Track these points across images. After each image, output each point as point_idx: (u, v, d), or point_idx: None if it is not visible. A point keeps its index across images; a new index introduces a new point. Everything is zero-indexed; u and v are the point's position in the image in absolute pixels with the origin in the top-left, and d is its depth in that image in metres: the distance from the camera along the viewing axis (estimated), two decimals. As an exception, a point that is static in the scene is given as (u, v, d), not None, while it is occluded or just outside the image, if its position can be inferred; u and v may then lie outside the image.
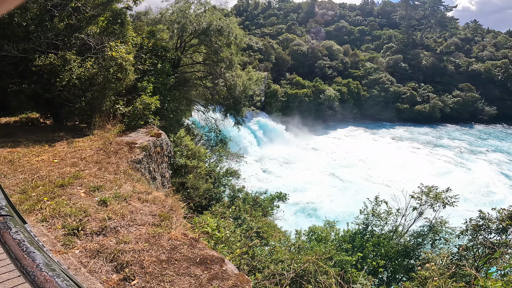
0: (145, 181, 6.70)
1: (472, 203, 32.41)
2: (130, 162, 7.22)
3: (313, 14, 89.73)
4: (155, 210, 5.06)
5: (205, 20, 14.76)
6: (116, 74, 9.41)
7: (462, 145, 52.83)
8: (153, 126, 10.31)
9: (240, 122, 19.48)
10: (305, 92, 58.08)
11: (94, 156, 6.99)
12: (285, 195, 19.21)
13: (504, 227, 8.87)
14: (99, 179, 5.86)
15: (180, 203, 5.79)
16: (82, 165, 6.49)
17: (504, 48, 78.79)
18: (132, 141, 8.26)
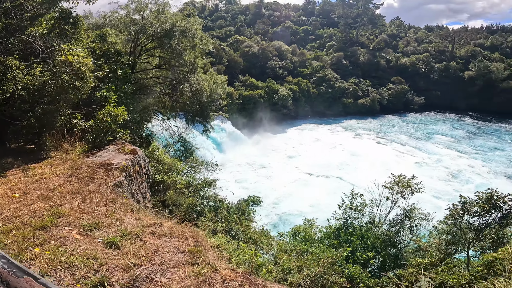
0: (145, 210, 5.44)
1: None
2: (111, 187, 5.80)
3: (260, 16, 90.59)
4: (181, 246, 4.19)
5: (168, 21, 13.26)
6: (72, 82, 7.65)
7: (410, 131, 58.40)
8: (123, 141, 8.70)
9: (208, 129, 18.19)
10: (260, 93, 58.15)
11: (67, 185, 5.50)
12: (259, 198, 18.51)
13: (486, 208, 9.19)
14: (90, 215, 4.63)
15: (199, 231, 4.79)
16: (56, 198, 5.05)
17: (424, 42, 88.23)
18: (106, 162, 6.75)
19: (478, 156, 47.17)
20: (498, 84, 74.52)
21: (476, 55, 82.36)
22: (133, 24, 13.75)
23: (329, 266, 7.62)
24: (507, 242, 9.45)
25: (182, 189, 10.77)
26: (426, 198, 29.66)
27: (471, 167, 42.60)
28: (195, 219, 10.46)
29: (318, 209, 28.71)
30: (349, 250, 12.26)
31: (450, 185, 37.19)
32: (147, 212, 5.49)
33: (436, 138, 55.21)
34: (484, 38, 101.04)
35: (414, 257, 10.89)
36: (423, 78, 77.79)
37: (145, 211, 5.57)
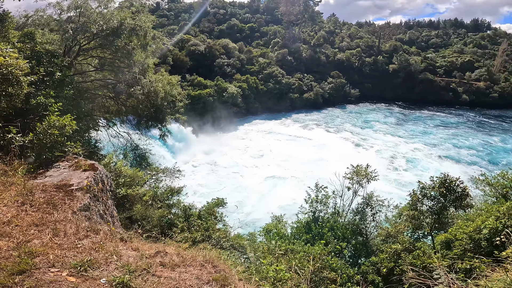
0: (136, 236, 4.64)
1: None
2: (79, 212, 4.62)
3: (205, 14, 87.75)
4: (202, 275, 3.63)
5: (115, 18, 11.48)
6: (3, 88, 5.96)
7: (353, 121, 62.71)
8: (75, 156, 7.20)
9: (166, 133, 16.63)
10: (209, 92, 56.45)
11: (24, 216, 4.21)
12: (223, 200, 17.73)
13: (442, 192, 9.80)
14: (73, 250, 3.67)
15: (210, 252, 4.25)
16: (17, 233, 3.83)
17: (356, 38, 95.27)
18: (63, 183, 5.41)
19: (417, 140, 52.61)
20: (417, 76, 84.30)
21: (397, 49, 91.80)
22: (70, 22, 11.66)
23: (323, 261, 7.34)
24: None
25: (148, 201, 9.51)
26: (382, 185, 32.19)
27: (419, 151, 47.29)
28: (165, 231, 9.35)
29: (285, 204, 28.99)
30: (323, 243, 12.28)
31: (403, 170, 40.44)
32: (139, 238, 4.54)
33: (376, 126, 60.26)
34: (403, 33, 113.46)
35: (384, 244, 11.26)
36: (357, 72, 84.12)
37: (137, 237, 4.66)
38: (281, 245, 9.61)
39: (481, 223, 8.49)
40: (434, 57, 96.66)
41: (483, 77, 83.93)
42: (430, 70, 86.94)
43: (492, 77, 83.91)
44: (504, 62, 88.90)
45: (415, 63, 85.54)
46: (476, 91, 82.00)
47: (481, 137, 54.39)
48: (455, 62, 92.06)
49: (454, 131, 58.16)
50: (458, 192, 10.29)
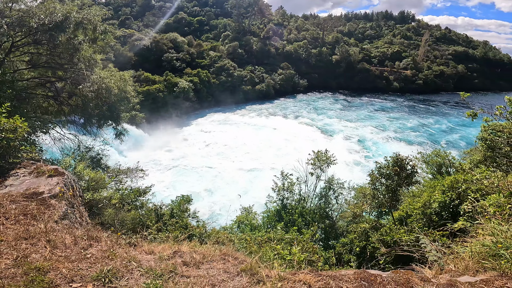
0: (142, 239, 4.37)
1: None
2: (59, 221, 4.08)
3: (149, 7, 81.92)
4: (229, 268, 3.52)
5: (59, 11, 9.97)
6: None
7: (306, 108, 64.97)
8: (32, 162, 6.31)
9: (122, 132, 15.29)
10: (158, 88, 53.49)
11: (4, 230, 3.65)
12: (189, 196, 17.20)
13: (397, 171, 10.71)
14: (84, 262, 3.33)
15: (224, 245, 3.93)
16: (6, 248, 3.37)
17: (302, 30, 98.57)
18: (31, 192, 4.70)
19: (367, 123, 56.93)
20: (356, 66, 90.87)
21: (339, 41, 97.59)
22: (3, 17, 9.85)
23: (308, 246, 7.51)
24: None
25: (117, 204, 8.73)
26: (342, 168, 34.24)
27: (372, 133, 51.26)
28: (142, 234, 8.75)
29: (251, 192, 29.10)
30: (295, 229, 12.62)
31: (358, 151, 43.23)
32: (147, 240, 4.17)
33: (328, 112, 63.71)
34: (343, 25, 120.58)
35: (351, 224, 11.95)
36: (304, 63, 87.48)
37: (144, 240, 4.36)
38: (263, 234, 9.62)
39: (429, 198, 9.34)
40: (369, 48, 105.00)
41: (409, 65, 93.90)
42: (366, 60, 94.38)
43: (417, 65, 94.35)
44: (426, 51, 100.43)
45: (354, 54, 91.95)
46: (404, 78, 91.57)
47: (418, 120, 61.14)
48: (386, 52, 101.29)
49: (394, 115, 64.49)
50: (409, 169, 11.25)
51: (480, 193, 6.91)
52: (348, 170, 34.71)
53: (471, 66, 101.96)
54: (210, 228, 13.51)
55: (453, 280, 2.45)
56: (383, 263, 8.30)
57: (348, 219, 12.84)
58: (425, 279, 2.52)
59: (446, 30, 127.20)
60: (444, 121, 61.16)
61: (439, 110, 70.73)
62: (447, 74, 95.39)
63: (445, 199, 8.73)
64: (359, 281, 2.61)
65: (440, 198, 8.83)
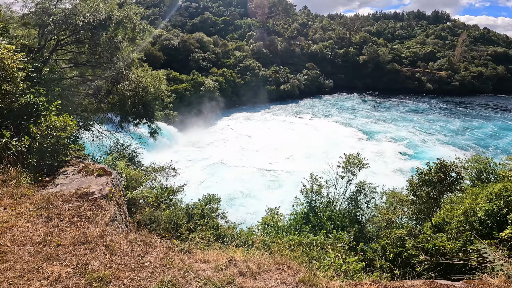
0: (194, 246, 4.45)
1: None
2: (110, 223, 4.20)
3: (177, 7, 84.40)
4: (286, 279, 3.44)
5: (103, 9, 10.47)
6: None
7: (336, 108, 63.73)
8: (80, 160, 6.56)
9: (156, 130, 15.81)
10: (185, 87, 54.81)
11: (59, 233, 3.67)
12: (214, 196, 17.36)
13: (440, 177, 10.19)
14: (143, 270, 3.28)
15: (279, 255, 4.44)
16: (64, 254, 3.31)
17: (328, 30, 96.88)
18: (83, 191, 4.84)
19: (404, 124, 55.23)
20: (385, 66, 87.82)
21: (367, 41, 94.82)
22: (49, 14, 10.48)
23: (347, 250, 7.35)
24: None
25: (153, 203, 9.00)
26: (382, 169, 33.25)
27: (413, 135, 49.63)
28: (174, 234, 8.94)
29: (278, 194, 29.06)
30: (324, 233, 12.39)
31: (401, 154, 41.90)
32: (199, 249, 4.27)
33: (358, 113, 62.38)
34: (371, 25, 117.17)
35: (384, 230, 11.56)
36: (330, 63, 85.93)
37: (197, 247, 4.38)
38: (294, 238, 9.53)
39: (473, 206, 8.87)
40: (399, 48, 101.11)
41: (444, 66, 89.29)
42: (396, 60, 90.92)
43: (452, 66, 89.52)
44: (464, 52, 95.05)
45: (383, 54, 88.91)
46: (438, 80, 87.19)
47: (461, 123, 57.95)
48: (418, 52, 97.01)
49: (432, 117, 61.67)
50: (453, 176, 10.71)
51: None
52: (390, 172, 33.62)
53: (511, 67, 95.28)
54: (238, 229, 13.63)
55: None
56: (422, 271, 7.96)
57: (381, 224, 12.40)
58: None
59: (485, 30, 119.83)
60: (489, 125, 57.22)
61: (479, 113, 66.48)
62: (485, 75, 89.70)
63: (492, 207, 8.31)
64: (434, 293, 2.47)
65: (487, 206, 8.41)
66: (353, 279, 4.07)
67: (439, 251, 7.78)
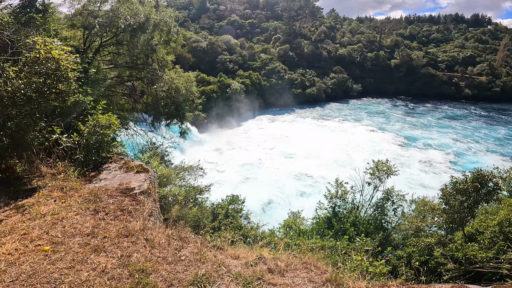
0: (224, 242, 4.59)
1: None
2: (148, 218, 4.60)
3: (205, 10, 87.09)
4: (313, 277, 3.59)
5: (141, 12, 11.29)
6: (53, 85, 5.82)
7: (365, 113, 62.95)
8: (120, 157, 7.12)
9: (186, 131, 16.55)
10: (212, 88, 56.21)
11: (105, 226, 4.07)
12: (238, 197, 17.68)
13: (476, 187, 9.81)
14: (179, 264, 3.55)
15: (306, 254, 4.36)
16: (110, 246, 3.69)
17: (357, 33, 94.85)
18: (124, 187, 5.31)
19: (443, 131, 53.43)
20: (419, 71, 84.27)
21: (399, 44, 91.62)
22: (94, 17, 11.44)
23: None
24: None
25: (181, 201, 9.49)
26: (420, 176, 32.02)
27: (454, 142, 48.05)
28: (198, 231, 9.36)
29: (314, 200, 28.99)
30: (347, 238, 12.30)
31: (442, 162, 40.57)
32: (230, 244, 4.63)
33: (390, 118, 60.62)
34: (403, 28, 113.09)
35: (411, 238, 11.30)
36: (359, 67, 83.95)
37: (228, 243, 4.61)
38: (317, 242, 9.62)
39: (510, 216, 8.53)
40: (435, 52, 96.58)
41: (485, 71, 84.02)
42: (431, 65, 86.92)
43: (494, 71, 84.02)
44: (506, 56, 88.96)
45: (417, 58, 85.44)
46: (478, 85, 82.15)
47: (508, 131, 54.60)
48: (456, 57, 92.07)
49: (474, 124, 58.46)
50: (490, 186, 10.30)
51: None
52: (430, 179, 32.32)
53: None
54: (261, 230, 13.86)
55: None
56: (449, 279, 7.75)
57: (409, 232, 12.11)
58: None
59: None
60: None
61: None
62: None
63: (529, 218, 7.97)
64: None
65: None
66: (379, 281, 4.17)
67: (469, 260, 7.55)
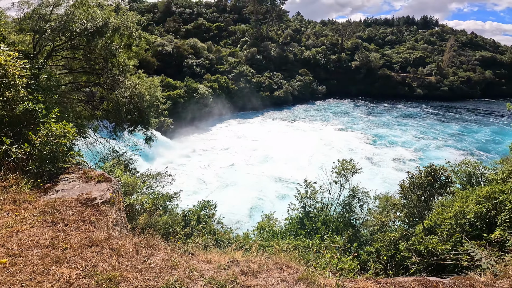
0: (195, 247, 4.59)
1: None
2: (113, 227, 4.37)
3: (170, 13, 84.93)
4: (286, 277, 3.63)
5: (100, 16, 10.68)
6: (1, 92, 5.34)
7: (329, 114, 65.06)
8: (79, 167, 6.71)
9: (151, 137, 15.93)
10: (179, 93, 54.93)
11: (66, 237, 3.82)
12: (209, 202, 17.46)
13: (430, 181, 10.56)
14: (149, 271, 3.43)
15: (277, 254, 4.50)
16: (73, 257, 3.48)
17: (321, 36, 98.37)
18: (85, 197, 5.00)
19: (403, 129, 57.14)
20: (377, 72, 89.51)
21: (359, 46, 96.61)
22: (46, 21, 10.62)
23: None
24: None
25: (150, 209, 9.15)
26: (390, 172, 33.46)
27: (416, 139, 51.34)
28: (171, 239, 9.08)
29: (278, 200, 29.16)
30: (319, 237, 12.60)
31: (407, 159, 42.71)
32: (202, 250, 4.55)
33: (354, 119, 63.35)
34: (362, 30, 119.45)
35: (377, 233, 11.85)
36: (323, 69, 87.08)
37: (199, 249, 4.55)
38: (290, 242, 9.73)
39: (463, 208, 9.22)
40: (390, 53, 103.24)
41: (433, 72, 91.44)
42: (387, 66, 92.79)
43: (441, 71, 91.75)
44: (452, 57, 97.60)
45: (375, 59, 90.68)
46: (428, 85, 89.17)
47: (458, 128, 59.47)
48: (408, 58, 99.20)
49: (429, 122, 63.07)
50: (443, 180, 11.08)
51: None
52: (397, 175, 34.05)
53: (499, 72, 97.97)
54: (234, 234, 13.74)
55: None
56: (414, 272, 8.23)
57: (374, 228, 12.70)
58: (488, 284, 2.60)
59: (472, 35, 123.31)
60: (485, 130, 58.96)
61: (473, 118, 68.25)
62: (474, 80, 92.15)
63: (481, 210, 8.63)
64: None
65: (476, 209, 8.72)
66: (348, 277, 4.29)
67: (430, 253, 8.07)
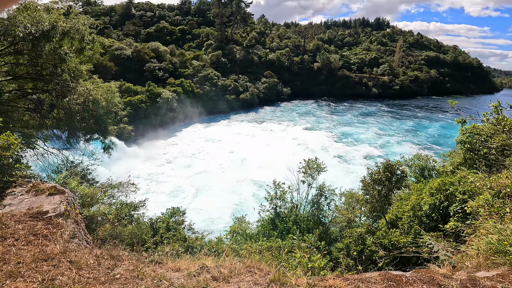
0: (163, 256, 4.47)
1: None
2: (70, 240, 4.03)
3: (129, 17, 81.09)
4: (258, 280, 3.57)
5: (46, 20, 9.75)
6: None
7: (295, 114, 65.79)
8: (27, 180, 6.14)
9: (110, 146, 14.95)
10: (140, 98, 52.65)
11: (18, 252, 3.52)
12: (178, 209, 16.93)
13: (387, 176, 11.15)
14: (115, 283, 3.24)
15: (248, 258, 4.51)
16: (27, 271, 3.24)
17: (284, 38, 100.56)
18: (35, 211, 4.61)
19: (365, 126, 60.05)
20: (337, 73, 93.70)
21: (320, 48, 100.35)
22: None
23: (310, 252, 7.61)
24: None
25: (113, 219, 8.57)
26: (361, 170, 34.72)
27: (378, 136, 53.94)
28: (140, 248, 8.63)
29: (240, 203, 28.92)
30: (291, 236, 12.71)
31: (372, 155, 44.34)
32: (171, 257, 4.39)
33: (319, 119, 65.38)
34: (323, 32, 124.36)
35: (345, 230, 12.22)
36: (287, 71, 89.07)
37: (167, 258, 4.32)
38: (263, 244, 9.67)
39: (419, 201, 9.76)
40: (348, 54, 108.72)
41: (386, 71, 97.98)
42: (346, 67, 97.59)
43: (393, 71, 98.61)
44: (401, 57, 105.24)
45: (335, 61, 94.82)
46: (382, 84, 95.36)
47: (412, 124, 63.90)
48: (364, 59, 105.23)
49: (386, 119, 67.10)
50: (399, 174, 11.73)
51: (468, 194, 7.34)
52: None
53: (443, 71, 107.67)
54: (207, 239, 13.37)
55: (472, 275, 2.66)
56: (382, 265, 8.55)
57: (342, 224, 13.09)
58: (447, 276, 2.72)
59: (419, 36, 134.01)
60: (435, 125, 63.98)
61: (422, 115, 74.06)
62: (421, 79, 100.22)
63: (434, 201, 9.11)
64: (387, 282, 2.76)
65: (430, 201, 9.19)
66: (319, 275, 4.31)
67: (394, 246, 8.45)
